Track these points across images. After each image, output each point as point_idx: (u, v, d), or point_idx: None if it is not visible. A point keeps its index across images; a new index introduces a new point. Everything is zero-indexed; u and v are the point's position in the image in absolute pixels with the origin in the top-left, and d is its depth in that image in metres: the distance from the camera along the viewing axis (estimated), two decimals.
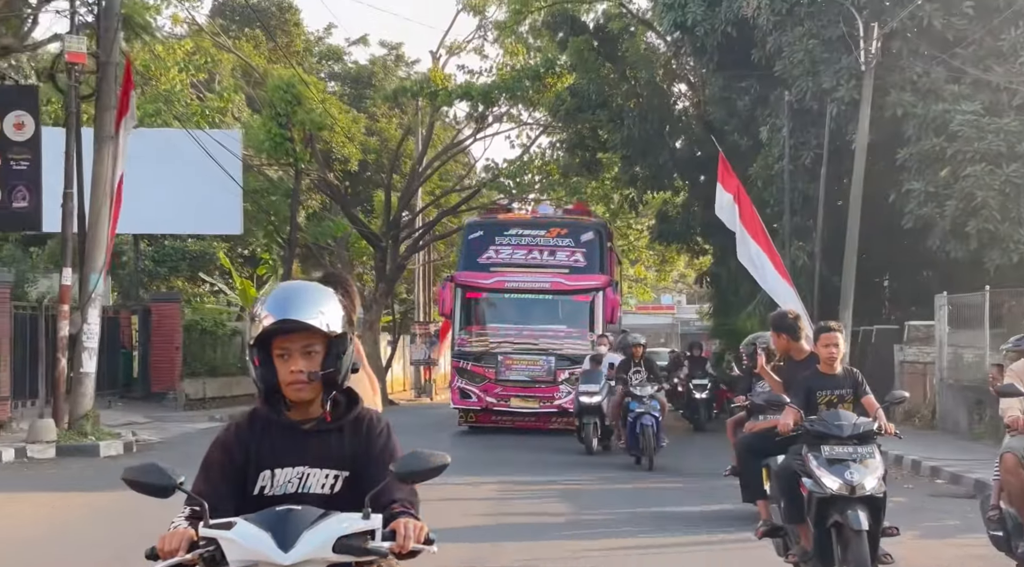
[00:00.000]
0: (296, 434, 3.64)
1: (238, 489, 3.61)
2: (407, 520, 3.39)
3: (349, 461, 3.63)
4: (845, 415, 7.62)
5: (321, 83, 41.07)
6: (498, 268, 23.24)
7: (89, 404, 17.96)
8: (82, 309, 17.79)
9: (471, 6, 36.19)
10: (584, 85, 30.21)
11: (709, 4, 23.48)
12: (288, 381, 3.54)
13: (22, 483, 14.04)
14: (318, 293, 3.60)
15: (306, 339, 3.52)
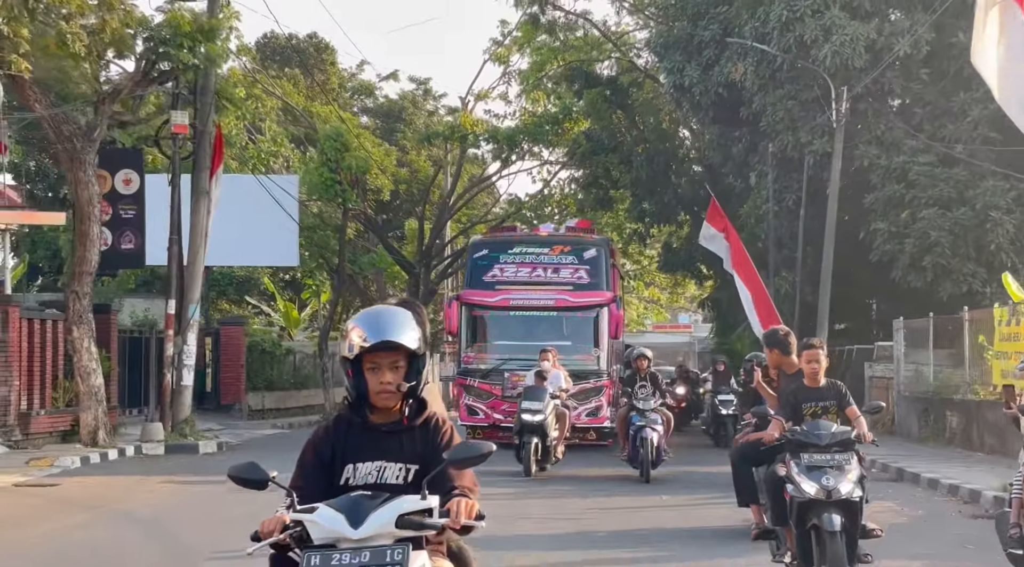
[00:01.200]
0: (375, 434, 4.23)
1: (327, 481, 4.19)
2: (461, 500, 3.98)
3: (419, 456, 4.21)
4: (825, 425, 8.07)
5: (355, 118, 44.74)
6: (503, 286, 23.24)
7: (188, 411, 21.84)
8: (182, 333, 21.64)
9: (496, 56, 40.02)
10: (598, 131, 34.04)
11: (703, 69, 27.18)
12: (378, 390, 4.14)
13: (145, 471, 17.75)
14: (404, 317, 4.21)
15: (393, 356, 4.12)
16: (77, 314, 19.22)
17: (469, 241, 28.90)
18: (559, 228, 27.13)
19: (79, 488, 15.30)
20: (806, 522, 7.82)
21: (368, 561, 3.81)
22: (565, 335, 22.62)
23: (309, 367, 36.48)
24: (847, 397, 8.34)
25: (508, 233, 25.92)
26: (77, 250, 19.27)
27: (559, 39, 35.72)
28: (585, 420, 21.76)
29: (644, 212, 34.31)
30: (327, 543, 3.88)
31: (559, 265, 23.67)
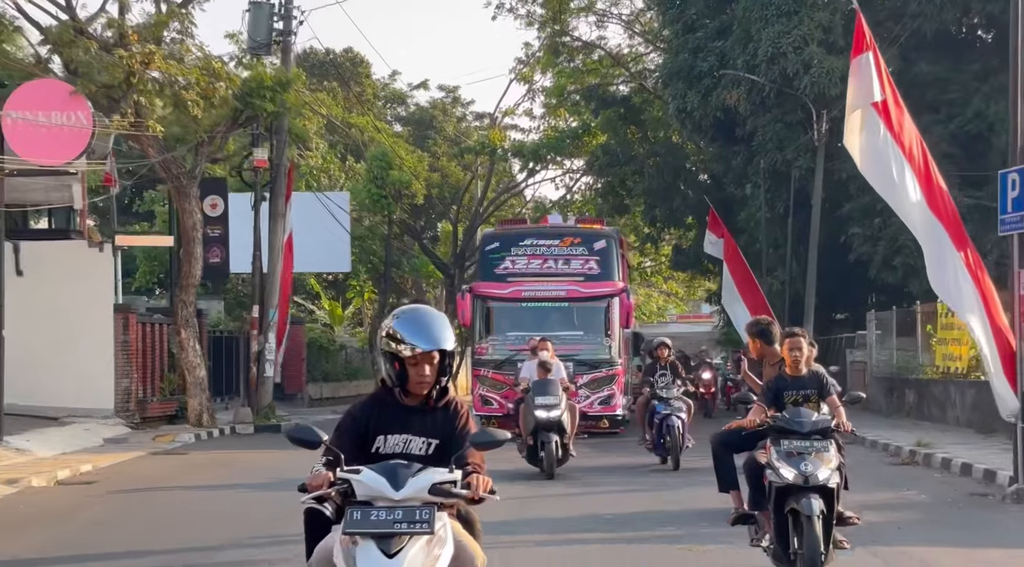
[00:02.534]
0: (403, 411, 5.10)
1: (360, 447, 5.04)
2: (479, 476, 4.90)
3: (440, 433, 5.09)
4: (806, 413, 8.20)
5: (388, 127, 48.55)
6: (515, 278, 23.40)
7: (270, 398, 26.07)
8: (264, 333, 25.86)
9: (521, 76, 44.09)
10: (613, 145, 38.10)
11: (703, 95, 31.15)
12: (417, 381, 5.02)
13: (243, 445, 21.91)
14: (444, 321, 5.10)
15: (433, 354, 5.00)
16: (184, 319, 23.48)
17: (480, 234, 28.89)
18: (567, 219, 27.39)
19: (204, 456, 19.53)
20: (784, 507, 7.98)
21: (400, 518, 4.66)
22: (576, 325, 22.93)
23: (358, 360, 40.70)
24: (828, 387, 8.53)
25: (519, 226, 26.17)
26: (183, 267, 23.53)
27: (577, 62, 39.76)
28: (598, 408, 22.24)
29: (656, 217, 38.36)
30: (366, 500, 4.72)
31: (570, 256, 23.80)
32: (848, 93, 13.32)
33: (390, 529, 4.66)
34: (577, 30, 39.49)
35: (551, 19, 37.77)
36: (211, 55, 20.98)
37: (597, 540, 10.34)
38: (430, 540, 4.73)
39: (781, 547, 8.12)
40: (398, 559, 4.64)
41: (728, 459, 9.29)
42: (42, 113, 18.57)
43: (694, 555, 9.64)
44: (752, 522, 8.85)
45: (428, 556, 4.72)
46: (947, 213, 12.91)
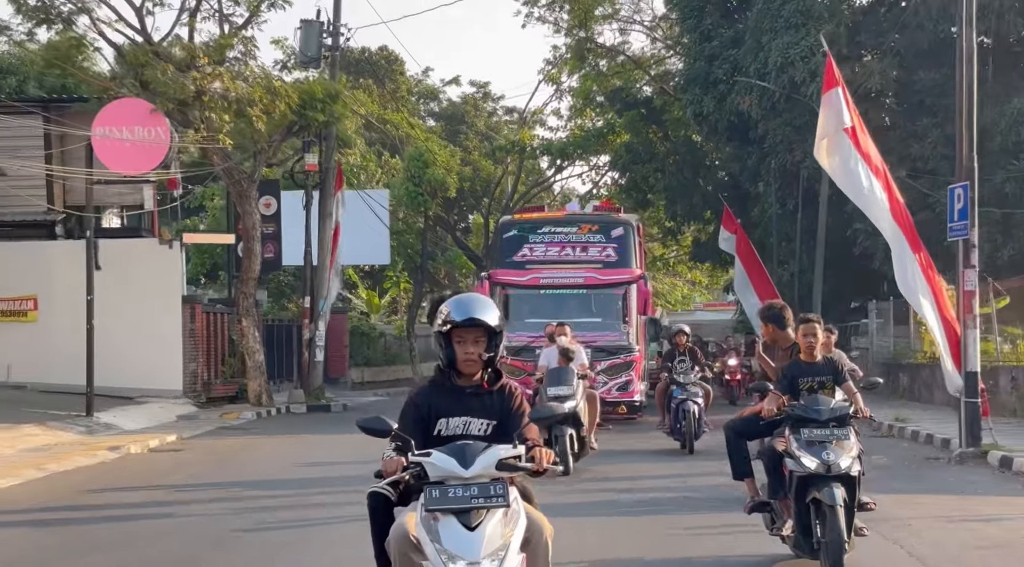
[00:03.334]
0: (461, 395, 5.52)
1: (423, 430, 5.47)
2: (542, 449, 5.36)
3: (497, 413, 5.51)
4: (824, 400, 8.20)
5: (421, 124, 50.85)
6: (533, 265, 23.46)
7: (320, 381, 28.63)
8: (314, 322, 28.42)
9: (550, 77, 46.44)
10: (636, 144, 40.42)
11: (718, 100, 33.41)
12: (463, 359, 5.43)
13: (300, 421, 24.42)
14: (487, 302, 5.53)
15: (476, 332, 5.40)
16: (245, 309, 26.06)
17: (499, 221, 28.92)
18: (584, 207, 27.50)
19: (266, 429, 22.11)
20: (806, 496, 7.97)
21: (477, 493, 5.04)
22: (594, 312, 22.98)
23: (396, 347, 43.26)
24: (843, 373, 8.56)
25: (536, 213, 26.22)
26: (244, 262, 26.12)
27: (602, 65, 42.09)
28: (616, 394, 22.35)
29: (676, 212, 40.70)
30: (439, 480, 5.09)
31: (587, 244, 23.81)
32: (819, 122, 15.64)
33: (468, 504, 5.07)
34: (602, 35, 41.81)
35: (577, 26, 40.08)
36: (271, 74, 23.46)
37: (610, 524, 10.48)
38: (506, 512, 5.13)
39: (803, 536, 8.12)
40: (479, 531, 5.03)
41: (741, 447, 9.22)
42: (126, 128, 21.13)
43: (709, 540, 9.84)
44: (769, 510, 8.83)
45: (505, 527, 5.10)
46: (905, 222, 15.27)
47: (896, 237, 15.37)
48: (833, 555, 7.73)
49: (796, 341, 8.71)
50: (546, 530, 5.33)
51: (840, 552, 7.73)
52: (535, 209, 27.60)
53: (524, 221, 24.88)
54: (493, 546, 5.03)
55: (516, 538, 5.13)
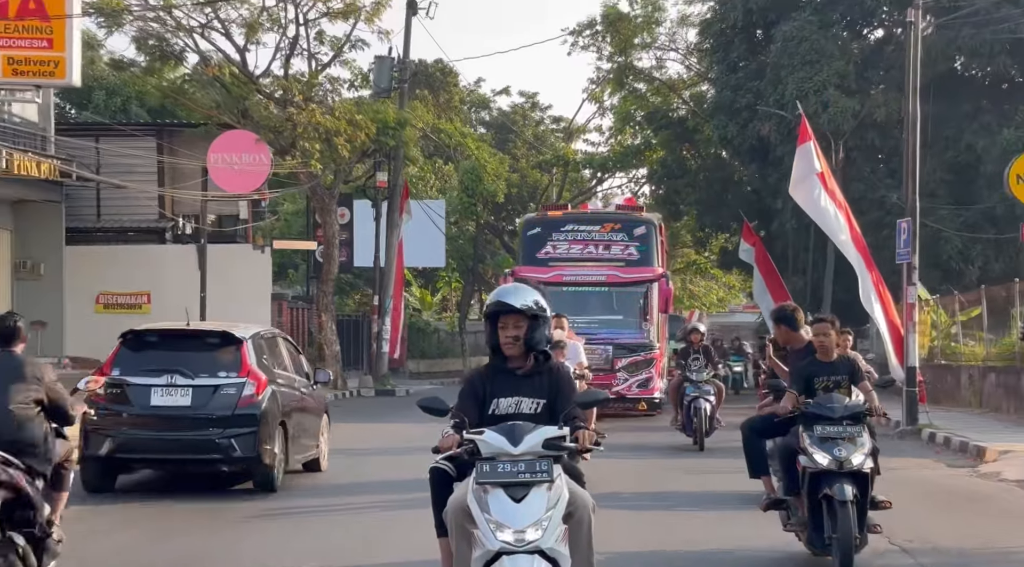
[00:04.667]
0: (513, 376, 6.11)
1: (479, 410, 6.06)
2: (584, 430, 5.92)
3: (546, 393, 6.07)
4: (838, 398, 8.38)
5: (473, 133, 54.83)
6: (556, 263, 23.52)
7: (385, 369, 32.96)
8: (381, 317, 32.73)
9: (593, 96, 50.53)
10: (670, 161, 44.44)
11: (741, 126, 37.32)
12: (503, 342, 6.05)
13: (369, 404, 28.65)
14: (525, 291, 6.15)
15: (515, 318, 6.00)
16: (324, 306, 30.43)
17: (522, 219, 29.16)
18: (607, 205, 27.91)
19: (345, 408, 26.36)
20: (818, 492, 8.12)
21: (523, 469, 5.62)
22: (616, 310, 23.25)
23: (448, 341, 47.58)
24: (859, 372, 8.76)
25: (560, 211, 26.16)
26: (324, 265, 30.48)
27: (640, 87, 46.17)
28: (636, 391, 22.83)
29: (705, 223, 44.68)
30: (490, 456, 5.68)
31: (610, 242, 23.88)
32: (794, 168, 19.64)
33: (516, 479, 5.56)
34: (640, 61, 45.83)
35: (618, 53, 44.15)
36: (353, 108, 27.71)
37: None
38: (550, 487, 5.60)
39: (815, 532, 8.28)
40: (525, 503, 5.53)
41: (759, 445, 9.31)
42: (235, 155, 25.49)
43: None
44: (784, 507, 8.93)
45: (549, 500, 5.57)
46: (862, 247, 19.28)
47: (857, 259, 19.37)
48: (843, 551, 7.93)
49: (809, 341, 9.04)
50: (589, 504, 5.86)
51: (850, 548, 7.93)
52: (559, 207, 27.74)
53: (547, 219, 25.00)
54: (536, 516, 5.53)
55: (559, 510, 5.62)
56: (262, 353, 12.72)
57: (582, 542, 5.79)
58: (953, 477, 14.20)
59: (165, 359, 12.12)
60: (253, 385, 12.08)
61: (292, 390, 13.22)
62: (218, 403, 11.96)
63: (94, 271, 29.07)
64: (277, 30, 28.09)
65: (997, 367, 22.39)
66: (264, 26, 27.64)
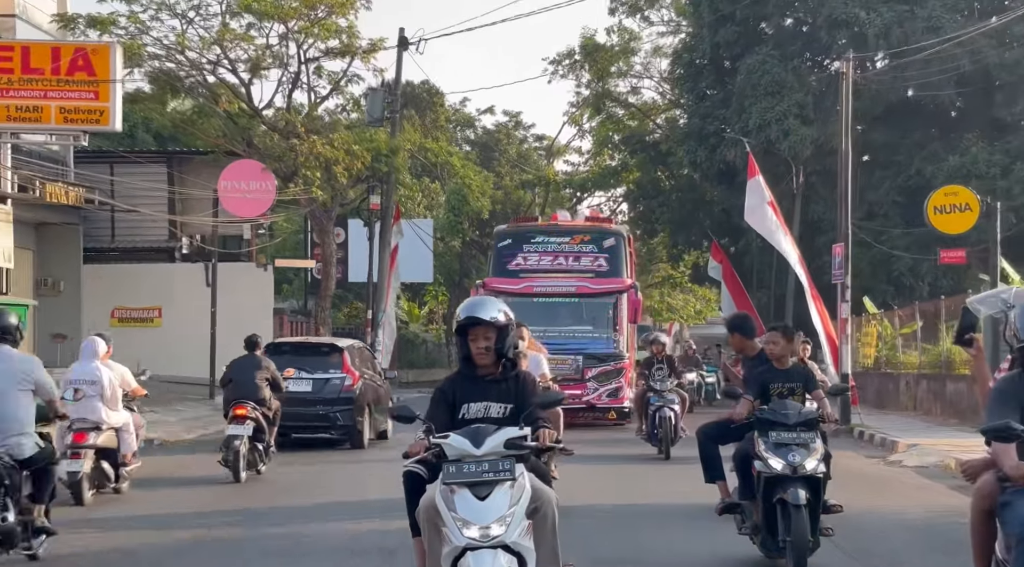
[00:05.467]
0: (482, 383, 6.45)
1: (450, 415, 6.39)
2: (545, 430, 6.22)
3: (513, 398, 6.42)
4: (792, 405, 8.70)
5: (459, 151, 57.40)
6: (527, 274, 23.75)
7: None
8: (374, 329, 35.24)
9: (573, 119, 53.22)
10: (645, 182, 47.11)
11: (710, 151, 39.92)
12: (475, 352, 6.38)
13: None
14: (491, 302, 6.52)
15: (484, 330, 6.33)
16: (322, 319, 32.90)
17: (494, 231, 29.24)
18: (574, 216, 28.01)
19: None
20: (772, 496, 8.31)
21: (487, 468, 5.97)
22: (585, 320, 23.45)
23: (436, 352, 50.14)
24: (814, 380, 9.13)
25: (530, 223, 26.49)
26: (322, 282, 32.97)
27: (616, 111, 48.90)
28: (606, 401, 23.18)
29: (678, 241, 47.36)
30: (456, 458, 6.03)
31: (580, 253, 24.15)
32: (747, 200, 22.29)
33: (479, 478, 5.89)
34: (618, 87, 48.54)
35: (595, 80, 46.86)
36: (350, 137, 30.25)
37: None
38: (513, 485, 5.93)
39: (769, 535, 8.49)
40: (489, 501, 5.87)
41: (714, 451, 9.58)
42: (243, 182, 28.01)
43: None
44: (740, 511, 9.16)
45: (511, 498, 5.90)
46: (804, 267, 21.93)
47: (802, 276, 22.03)
48: (797, 553, 8.15)
49: (762, 349, 9.36)
50: (552, 501, 6.19)
51: (804, 551, 8.16)
52: (529, 219, 27.99)
53: (518, 231, 25.36)
54: (500, 513, 5.86)
55: (521, 506, 5.95)
56: (355, 357, 19.08)
57: (547, 536, 6.13)
58: (866, 465, 16.79)
59: (294, 360, 18.24)
60: (350, 379, 18.35)
61: (372, 383, 19.58)
62: (328, 390, 18.16)
63: (109, 288, 31.58)
64: (279, 66, 30.60)
65: (928, 374, 25.03)
66: (267, 62, 30.11)
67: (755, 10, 38.44)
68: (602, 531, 10.85)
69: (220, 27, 29.31)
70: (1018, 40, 33.75)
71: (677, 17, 45.38)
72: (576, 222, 26.19)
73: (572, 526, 9.67)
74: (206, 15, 29.38)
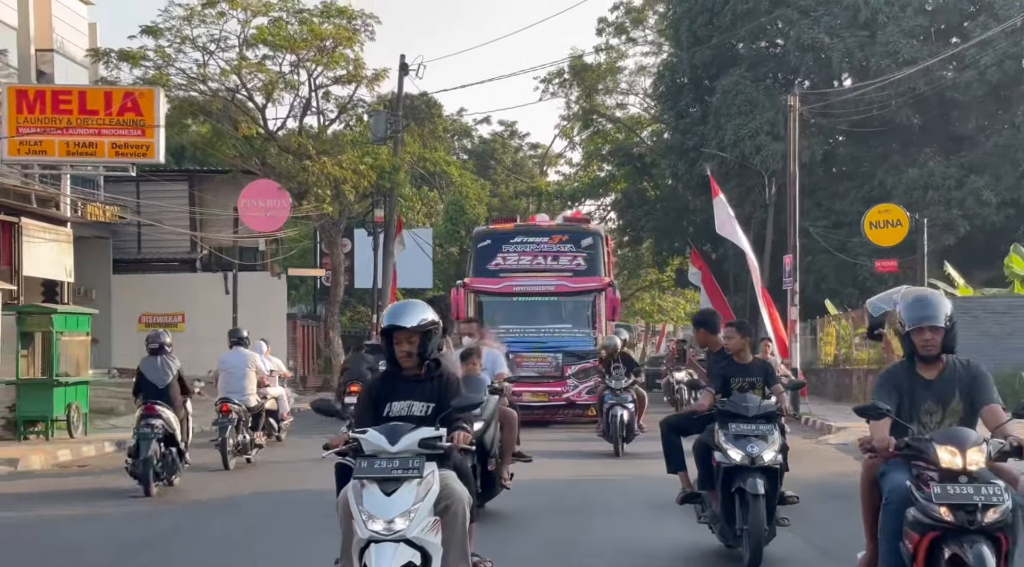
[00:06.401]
0: (406, 382, 6.77)
1: (375, 412, 6.71)
2: (459, 432, 6.51)
3: (436, 398, 6.71)
4: (752, 398, 9.04)
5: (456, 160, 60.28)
6: (506, 274, 24.10)
7: None
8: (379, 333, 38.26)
9: (563, 132, 56.29)
10: (631, 192, 50.16)
11: (689, 164, 42.87)
12: (400, 355, 6.70)
13: None
14: (416, 307, 6.76)
15: (408, 333, 6.63)
16: (331, 323, 35.90)
17: (473, 231, 29.72)
18: (554, 218, 28.70)
19: None
20: (731, 486, 8.61)
21: (397, 465, 6.25)
22: (565, 319, 23.98)
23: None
24: (773, 375, 9.57)
25: (509, 224, 26.75)
26: (332, 289, 35.97)
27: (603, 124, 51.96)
28: (586, 397, 23.26)
29: (663, 247, 50.42)
30: (372, 453, 6.33)
31: (558, 253, 24.56)
32: (716, 215, 25.31)
33: (388, 474, 6.21)
34: (605, 102, 51.60)
35: (584, 97, 49.92)
36: (356, 158, 33.27)
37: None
38: (420, 482, 6.26)
39: (728, 524, 8.73)
40: (395, 496, 6.19)
41: (676, 442, 9.82)
42: (260, 200, 31.01)
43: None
44: (699, 501, 9.40)
45: (417, 494, 6.23)
46: (757, 275, 24.99)
47: (756, 283, 25.06)
48: (753, 542, 8.37)
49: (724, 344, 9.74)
50: (464, 499, 6.45)
51: (760, 539, 8.39)
52: (508, 220, 28.45)
53: (497, 231, 25.83)
54: (404, 508, 6.13)
55: (427, 503, 6.22)
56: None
57: (457, 533, 6.38)
58: (801, 444, 19.69)
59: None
60: None
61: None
62: None
63: (136, 296, 34.58)
64: (291, 91, 33.63)
65: (875, 369, 28.02)
66: (280, 88, 33.13)
67: (730, 35, 41.44)
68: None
69: (238, 58, 32.31)
70: (969, 64, 36.70)
71: (659, 38, 48.43)
72: (554, 222, 26.89)
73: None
74: (225, 47, 32.36)
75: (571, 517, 11.70)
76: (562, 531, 10.85)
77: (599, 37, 49.53)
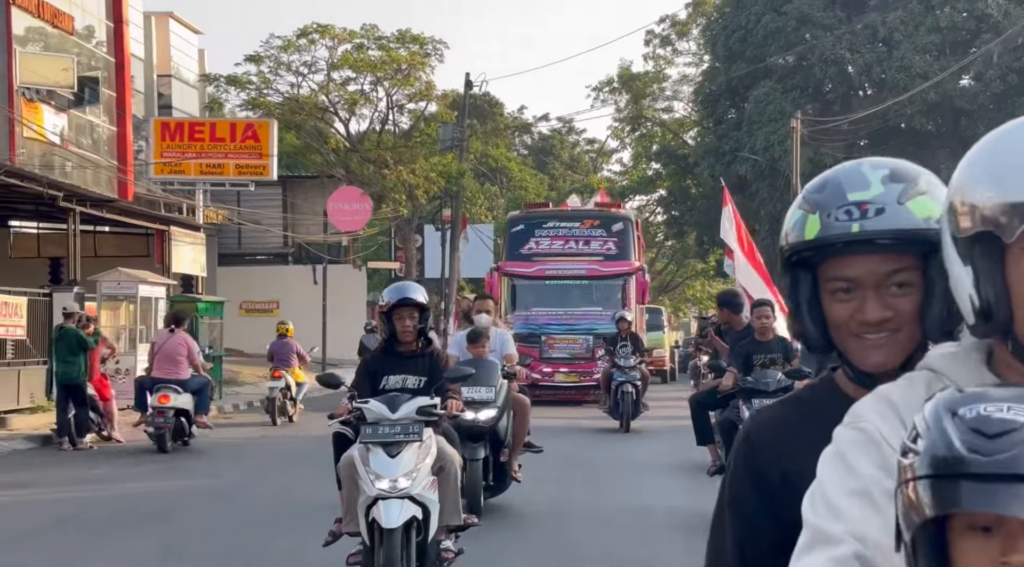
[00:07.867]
0: (401, 357, 7.40)
1: (373, 384, 7.29)
2: (452, 401, 7.24)
3: (428, 371, 7.35)
4: (772, 374, 9.43)
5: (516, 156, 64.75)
6: (539, 258, 24.55)
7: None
8: (446, 317, 43.25)
9: (615, 133, 60.94)
10: (676, 189, 54.82)
11: (725, 166, 47.34)
12: (401, 330, 7.26)
13: None
14: (415, 287, 7.51)
15: (409, 310, 7.21)
16: None
17: (507, 217, 30.54)
18: (586, 202, 29.23)
19: None
20: None
21: (399, 431, 6.87)
22: (595, 302, 24.33)
23: None
24: (792, 351, 9.77)
25: (542, 209, 27.63)
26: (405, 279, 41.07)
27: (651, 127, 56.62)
28: None
29: (704, 240, 55.06)
30: (374, 421, 6.92)
31: (590, 237, 25.06)
32: (722, 224, 29.76)
33: (392, 438, 6.85)
34: (652, 106, 56.25)
35: (632, 103, 54.62)
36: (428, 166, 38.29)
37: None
38: (420, 446, 6.96)
39: None
40: (398, 458, 6.83)
41: (704, 416, 10.28)
42: (347, 203, 36.11)
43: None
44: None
45: (418, 456, 6.94)
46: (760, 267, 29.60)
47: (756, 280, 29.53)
48: None
49: (748, 323, 10.20)
50: (456, 461, 7.32)
51: None
52: (541, 205, 29.36)
53: (530, 216, 26.48)
54: (407, 468, 6.85)
55: (427, 464, 7.00)
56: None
57: (450, 491, 7.09)
58: None
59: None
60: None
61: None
62: None
63: (238, 285, 39.78)
64: (370, 107, 38.75)
65: None
66: (361, 104, 38.24)
67: (762, 50, 45.92)
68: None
69: (326, 80, 37.44)
70: (976, 77, 40.87)
71: (700, 50, 52.98)
72: (586, 207, 27.63)
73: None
74: (315, 70, 37.51)
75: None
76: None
77: (646, 47, 54.15)
